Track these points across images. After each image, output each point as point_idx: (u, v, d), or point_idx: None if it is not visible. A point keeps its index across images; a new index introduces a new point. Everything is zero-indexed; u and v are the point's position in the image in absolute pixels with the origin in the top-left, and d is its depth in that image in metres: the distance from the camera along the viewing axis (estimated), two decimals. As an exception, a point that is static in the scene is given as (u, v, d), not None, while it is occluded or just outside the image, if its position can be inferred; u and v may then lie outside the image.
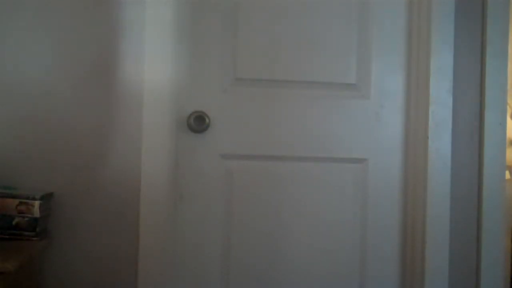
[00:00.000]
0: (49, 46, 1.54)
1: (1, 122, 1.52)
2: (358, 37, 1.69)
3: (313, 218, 1.69)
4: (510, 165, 2.25)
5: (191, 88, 1.63)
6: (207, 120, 1.60)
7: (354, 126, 1.69)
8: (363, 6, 1.69)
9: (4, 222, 1.39)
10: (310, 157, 1.69)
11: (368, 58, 1.70)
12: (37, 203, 1.39)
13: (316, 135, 1.68)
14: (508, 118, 1.80)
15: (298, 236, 1.68)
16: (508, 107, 1.71)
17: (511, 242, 2.12)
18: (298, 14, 1.67)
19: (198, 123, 1.61)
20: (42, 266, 1.50)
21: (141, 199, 1.55)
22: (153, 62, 1.55)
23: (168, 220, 1.59)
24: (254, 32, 1.66)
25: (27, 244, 1.36)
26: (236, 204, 1.66)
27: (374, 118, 1.70)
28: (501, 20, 1.64)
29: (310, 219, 1.68)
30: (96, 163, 1.55)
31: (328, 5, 1.68)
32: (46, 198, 1.44)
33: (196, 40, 1.64)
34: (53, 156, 1.53)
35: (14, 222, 1.39)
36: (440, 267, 1.62)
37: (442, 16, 1.63)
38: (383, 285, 1.69)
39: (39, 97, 1.53)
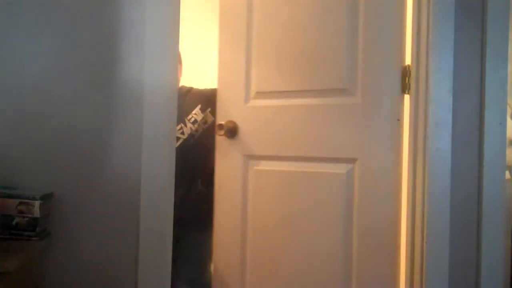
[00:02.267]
0: (49, 46, 1.54)
1: (1, 122, 1.52)
2: (357, 36, 1.69)
3: (310, 216, 1.69)
4: (510, 165, 2.25)
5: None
6: None
7: (352, 126, 1.70)
8: (363, 5, 1.69)
9: (4, 222, 1.39)
10: (310, 157, 1.71)
11: (368, 58, 1.69)
12: (37, 203, 1.39)
13: (317, 137, 1.71)
14: (508, 118, 1.79)
15: (295, 235, 1.69)
16: (508, 107, 1.70)
17: (511, 242, 2.11)
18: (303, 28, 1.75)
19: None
20: (42, 266, 1.50)
21: (141, 198, 1.55)
22: (153, 62, 1.55)
23: (167, 220, 1.59)
24: (266, 48, 1.80)
25: (27, 244, 1.36)
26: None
27: (373, 118, 1.70)
28: (501, 20, 1.64)
29: (307, 218, 1.69)
30: (96, 163, 1.55)
31: (326, 5, 1.69)
32: (46, 198, 1.44)
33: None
34: (53, 156, 1.53)
35: (14, 222, 1.39)
36: (440, 267, 1.61)
37: (442, 16, 1.62)
38: (382, 285, 1.69)
39: (39, 97, 1.53)
